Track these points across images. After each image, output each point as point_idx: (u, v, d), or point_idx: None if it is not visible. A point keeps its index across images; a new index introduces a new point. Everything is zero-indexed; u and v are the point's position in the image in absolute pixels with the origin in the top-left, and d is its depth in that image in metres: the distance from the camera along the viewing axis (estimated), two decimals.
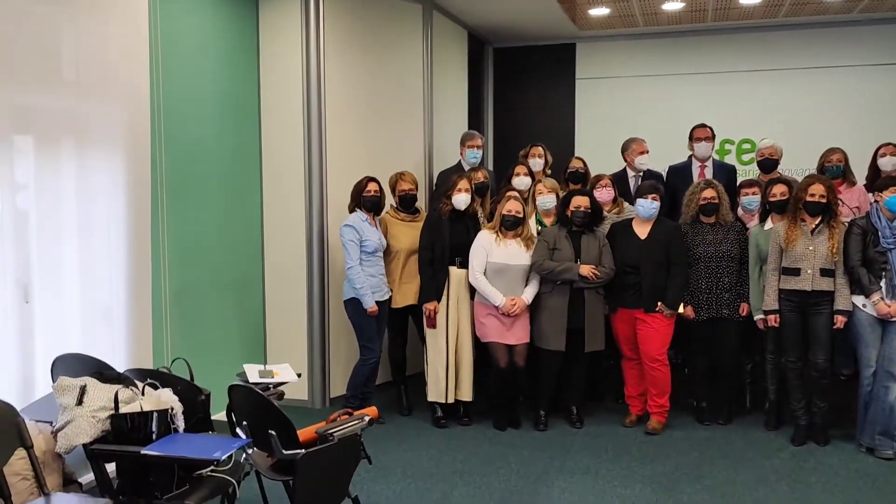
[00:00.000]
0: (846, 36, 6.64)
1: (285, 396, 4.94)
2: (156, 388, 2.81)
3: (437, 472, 3.98)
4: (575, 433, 4.60)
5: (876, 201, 4.20)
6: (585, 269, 4.46)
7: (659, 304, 4.47)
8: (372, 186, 4.69)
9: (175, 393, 2.88)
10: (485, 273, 4.56)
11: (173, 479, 2.59)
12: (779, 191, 4.51)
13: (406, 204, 4.89)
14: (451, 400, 4.69)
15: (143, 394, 2.75)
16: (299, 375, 3.47)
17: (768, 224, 4.53)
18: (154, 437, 2.62)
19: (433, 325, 4.66)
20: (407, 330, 5.05)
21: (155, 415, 2.64)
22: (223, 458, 2.46)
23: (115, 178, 3.76)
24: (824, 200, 4.23)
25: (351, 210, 4.72)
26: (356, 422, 2.84)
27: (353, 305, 4.64)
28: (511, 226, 4.55)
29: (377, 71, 5.46)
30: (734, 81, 6.90)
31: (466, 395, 4.71)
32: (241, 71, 4.95)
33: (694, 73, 6.99)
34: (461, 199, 4.64)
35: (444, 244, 4.63)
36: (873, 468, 4.01)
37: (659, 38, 7.04)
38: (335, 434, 2.74)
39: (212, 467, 2.58)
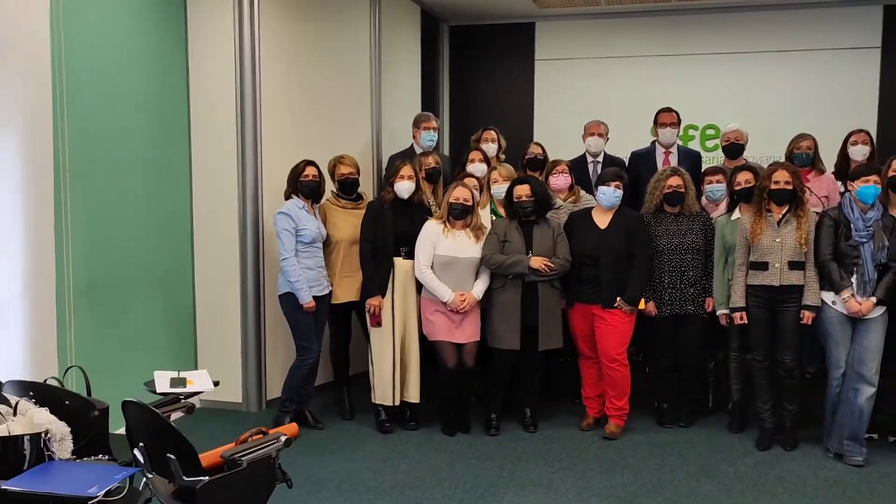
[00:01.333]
0: (818, 18, 6.37)
1: (219, 400, 4.67)
2: (36, 405, 2.41)
3: (377, 486, 3.63)
4: (528, 438, 4.29)
5: (848, 191, 3.94)
6: (536, 262, 4.13)
7: (618, 299, 4.17)
8: (310, 171, 4.30)
9: (62, 409, 2.48)
10: (431, 267, 4.22)
11: None
12: (743, 178, 4.24)
13: (347, 189, 4.51)
14: (397, 402, 4.35)
15: (14, 413, 2.35)
16: (216, 384, 3.06)
17: (735, 214, 4.25)
18: (25, 466, 2.22)
19: (378, 323, 4.30)
20: (350, 327, 4.69)
21: (26, 440, 2.24)
22: (99, 494, 2.08)
23: (7, 158, 3.31)
24: (790, 188, 3.96)
25: (287, 197, 4.33)
26: (270, 442, 2.47)
27: (289, 300, 4.26)
28: (459, 215, 4.20)
29: (319, 47, 5.05)
30: (699, 64, 6.62)
31: (414, 396, 4.37)
32: (165, 44, 4.49)
33: (658, 55, 6.68)
34: (404, 187, 4.28)
35: (388, 235, 4.27)
36: (843, 476, 3.76)
37: (622, 18, 6.71)
38: (244, 458, 2.36)
39: (99, 498, 2.19)
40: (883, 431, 4.17)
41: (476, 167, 4.76)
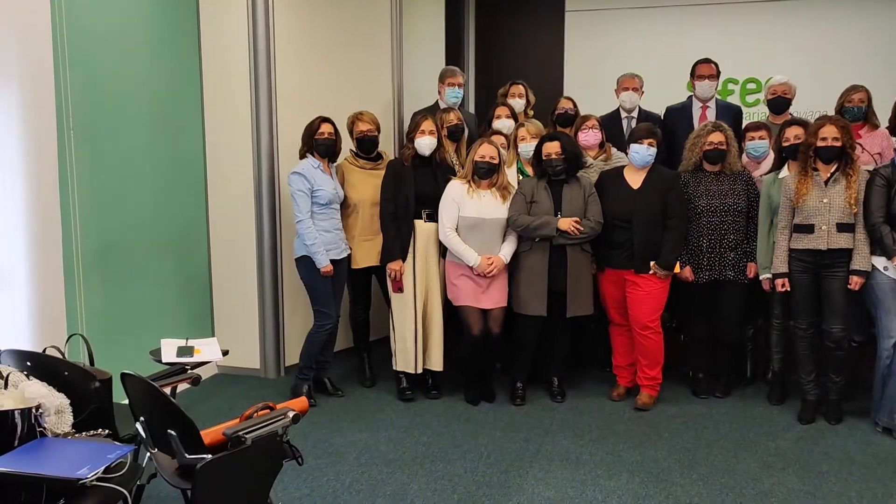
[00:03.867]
0: None
1: (237, 366, 4.56)
2: (29, 377, 2.27)
3: (396, 459, 3.48)
4: (555, 408, 4.11)
5: None
6: (565, 223, 3.90)
7: (652, 263, 3.93)
8: (325, 128, 4.08)
9: (61, 380, 2.35)
10: (456, 229, 4.00)
11: (41, 493, 2.06)
12: (793, 134, 3.94)
13: (366, 148, 4.28)
14: (419, 370, 4.18)
15: (6, 386, 2.21)
16: (226, 353, 2.92)
17: (783, 172, 3.97)
18: (16, 442, 2.08)
19: (399, 289, 4.11)
20: (370, 292, 4.51)
21: (17, 414, 2.10)
22: (90, 476, 1.93)
23: (6, 115, 3.14)
24: (838, 144, 3.67)
25: (302, 156, 4.13)
26: (277, 418, 2.31)
27: (306, 264, 4.08)
28: (485, 174, 3.97)
29: (337, 1, 4.79)
30: (740, 13, 6.24)
31: (437, 364, 4.19)
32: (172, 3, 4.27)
33: (696, 4, 6.31)
34: (425, 143, 4.06)
35: (409, 195, 4.05)
36: (893, 451, 3.53)
37: None
38: (248, 436, 2.20)
39: (90, 480, 2.05)
40: None
41: (503, 123, 4.51)
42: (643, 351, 4.06)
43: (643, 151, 3.96)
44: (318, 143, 4.07)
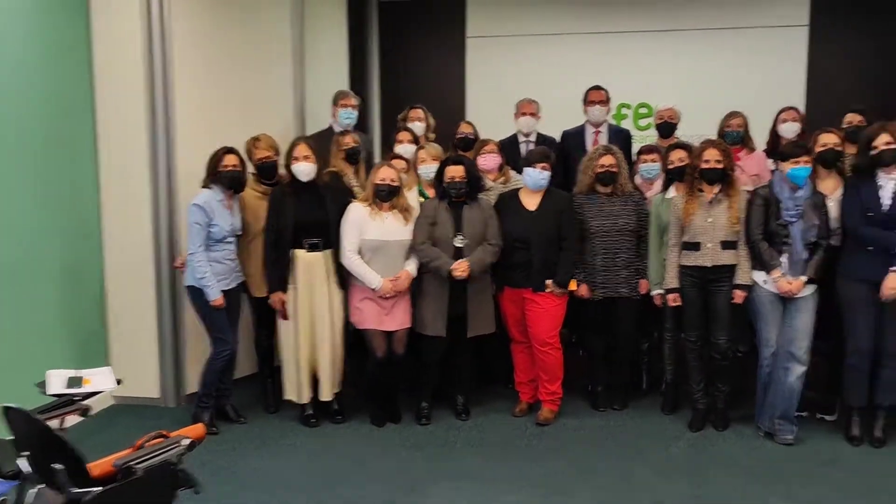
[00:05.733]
0: None
1: (135, 395, 4.40)
2: None
3: (301, 484, 3.45)
4: (460, 426, 4.17)
5: (778, 170, 3.90)
6: (457, 272, 3.97)
7: (548, 282, 4.06)
8: (229, 159, 3.97)
9: None
10: (360, 252, 4.02)
11: None
12: (677, 157, 4.17)
13: (266, 174, 4.24)
14: (304, 400, 4.12)
15: None
16: (119, 382, 2.83)
17: (670, 192, 4.18)
18: None
19: (286, 317, 4.05)
20: (274, 317, 4.45)
21: None
22: None
23: None
24: (720, 166, 3.90)
25: (206, 185, 4.00)
26: (170, 447, 2.27)
27: (195, 293, 3.99)
28: (386, 196, 4.01)
29: (236, 21, 4.75)
30: (632, 42, 6.54)
31: (325, 394, 4.09)
32: (65, 21, 4.14)
33: (591, 32, 6.58)
34: (301, 170, 3.98)
35: (287, 224, 3.96)
36: (774, 454, 3.75)
37: None
38: (139, 465, 2.15)
39: None
40: (813, 409, 4.18)
41: (404, 148, 4.57)
42: (543, 367, 4.17)
43: (536, 175, 4.10)
44: (223, 176, 3.96)
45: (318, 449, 3.86)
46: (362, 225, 4.01)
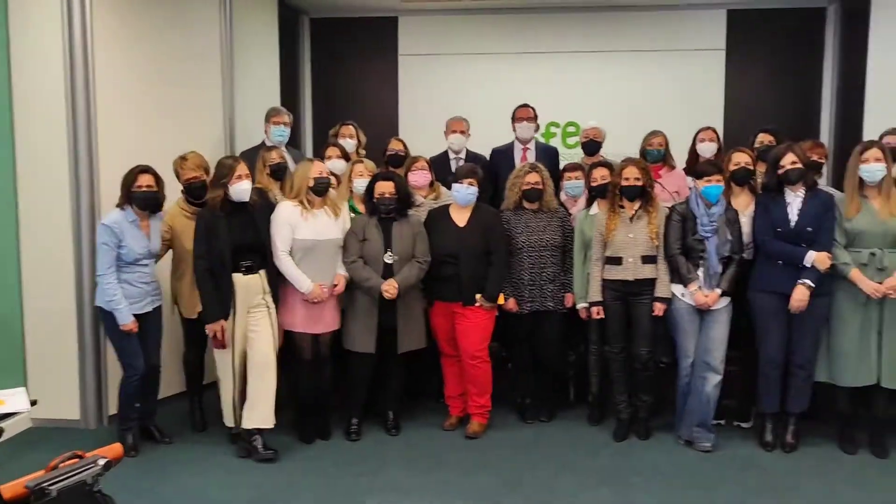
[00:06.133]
0: (667, 20, 6.62)
1: (54, 417, 4.27)
2: None
3: (227, 503, 3.41)
4: (390, 441, 4.18)
5: (695, 187, 4.07)
6: (386, 294, 4.00)
7: (478, 296, 4.12)
8: (144, 179, 3.81)
9: None
10: (291, 252, 3.96)
11: None
12: (600, 174, 4.30)
13: (195, 194, 4.11)
14: (238, 425, 3.94)
15: None
16: (34, 403, 2.76)
17: (593, 209, 4.31)
18: None
19: (222, 346, 3.87)
20: (205, 337, 4.34)
21: None
22: None
23: None
24: (639, 183, 4.05)
25: (120, 205, 3.85)
26: (86, 467, 2.22)
27: (106, 316, 3.85)
28: (325, 190, 3.99)
29: (164, 35, 4.70)
30: (560, 62, 6.72)
31: (267, 420, 3.88)
32: None
33: (521, 52, 6.73)
34: (244, 189, 3.81)
35: (224, 248, 3.78)
36: (692, 462, 3.89)
37: (484, 15, 6.71)
38: (52, 487, 2.11)
39: None
40: (729, 417, 4.35)
41: (333, 164, 4.56)
42: (472, 380, 4.23)
43: (463, 191, 4.17)
44: (136, 197, 3.83)
45: (244, 467, 3.82)
46: (294, 224, 3.94)
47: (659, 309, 4.04)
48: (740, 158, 4.11)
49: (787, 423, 4.05)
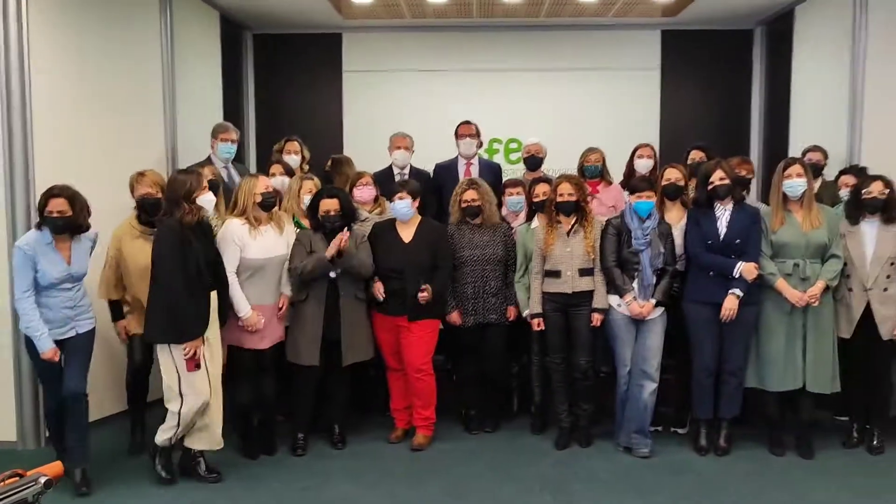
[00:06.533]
0: (605, 40, 6.88)
1: None
2: None
3: None
4: (336, 455, 4.20)
5: (629, 202, 4.22)
6: (330, 251, 3.99)
7: (425, 285, 4.14)
8: (54, 204, 3.55)
9: None
10: (237, 272, 3.94)
11: None
12: (541, 190, 4.43)
13: (148, 210, 4.00)
14: (198, 447, 3.86)
15: None
16: None
17: (534, 223, 4.43)
18: None
19: (197, 366, 3.65)
20: (151, 357, 4.25)
21: None
22: None
23: None
24: (574, 198, 4.18)
25: (38, 227, 3.63)
26: (26, 486, 2.20)
27: (27, 340, 3.66)
28: (272, 205, 4.02)
29: (103, 55, 4.65)
30: (502, 79, 6.89)
31: (215, 442, 3.83)
32: None
33: (463, 69, 6.89)
34: (208, 200, 3.73)
35: (200, 261, 3.63)
36: (631, 467, 4.01)
37: (426, 32, 6.85)
38: None
39: None
40: (666, 423, 4.50)
41: (277, 180, 4.59)
42: (417, 392, 4.29)
43: (399, 205, 4.25)
44: (47, 222, 3.58)
45: (187, 484, 3.79)
46: (242, 243, 3.93)
47: (597, 319, 4.17)
48: (671, 175, 4.29)
49: (721, 428, 4.22)
